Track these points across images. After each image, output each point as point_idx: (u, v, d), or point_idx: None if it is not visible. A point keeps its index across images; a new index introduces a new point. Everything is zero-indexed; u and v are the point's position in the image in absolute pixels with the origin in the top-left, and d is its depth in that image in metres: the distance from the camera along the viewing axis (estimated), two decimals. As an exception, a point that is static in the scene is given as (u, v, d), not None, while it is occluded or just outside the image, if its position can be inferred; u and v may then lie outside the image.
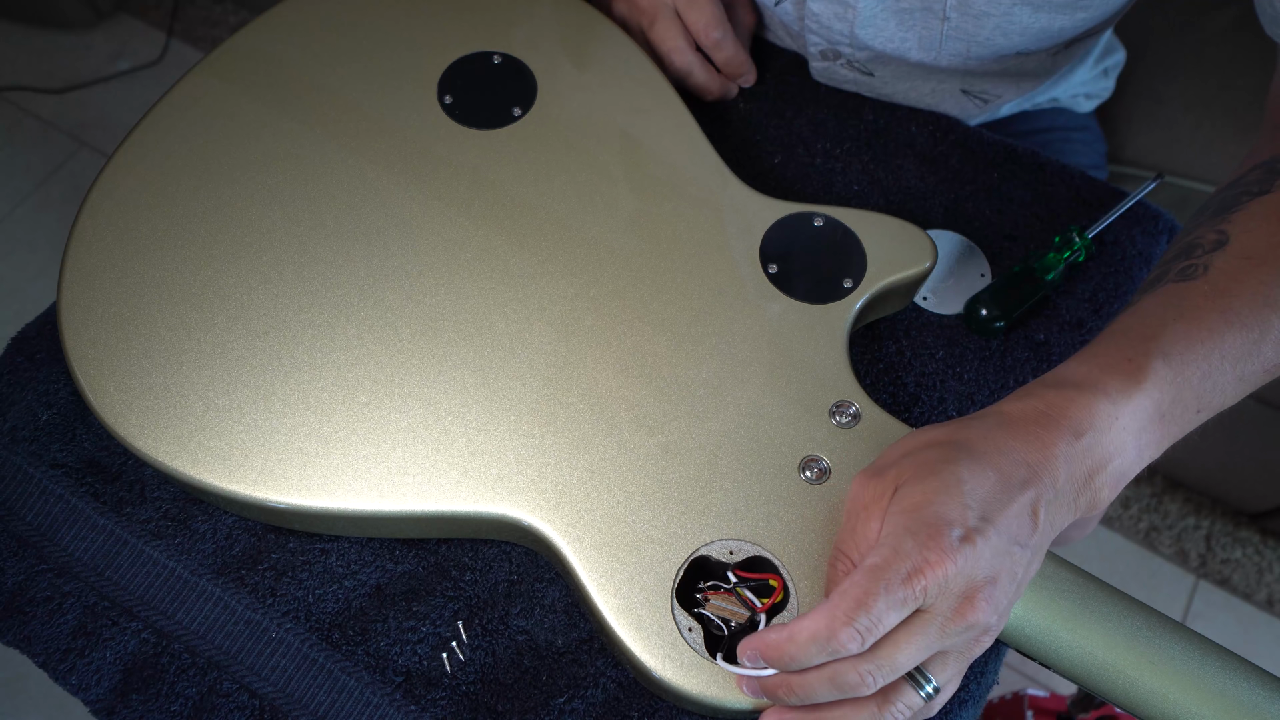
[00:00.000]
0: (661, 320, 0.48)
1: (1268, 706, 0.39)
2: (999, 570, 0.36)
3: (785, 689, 0.38)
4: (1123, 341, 0.41)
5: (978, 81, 0.62)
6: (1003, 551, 0.36)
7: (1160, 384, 0.39)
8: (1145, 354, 0.40)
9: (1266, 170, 0.46)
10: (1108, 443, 0.38)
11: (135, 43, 1.60)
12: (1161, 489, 1.30)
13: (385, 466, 0.44)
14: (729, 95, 0.61)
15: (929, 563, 0.35)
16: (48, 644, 0.45)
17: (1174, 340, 0.40)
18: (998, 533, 0.36)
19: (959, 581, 0.35)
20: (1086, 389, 0.39)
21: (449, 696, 0.44)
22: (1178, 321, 0.41)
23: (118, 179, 0.50)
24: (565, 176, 0.52)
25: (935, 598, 0.36)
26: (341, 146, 0.52)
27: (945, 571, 0.35)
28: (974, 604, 0.36)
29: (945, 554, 0.35)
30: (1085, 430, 0.38)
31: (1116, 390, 0.39)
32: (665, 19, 0.57)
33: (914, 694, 0.37)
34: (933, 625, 0.36)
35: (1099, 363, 0.40)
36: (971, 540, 0.36)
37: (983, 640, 0.38)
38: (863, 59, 0.60)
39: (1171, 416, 0.40)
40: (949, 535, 0.35)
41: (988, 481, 0.37)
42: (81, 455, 0.49)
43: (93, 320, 0.47)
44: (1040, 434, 0.38)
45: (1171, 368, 0.39)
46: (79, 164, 1.49)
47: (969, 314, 0.53)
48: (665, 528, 0.43)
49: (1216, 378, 0.40)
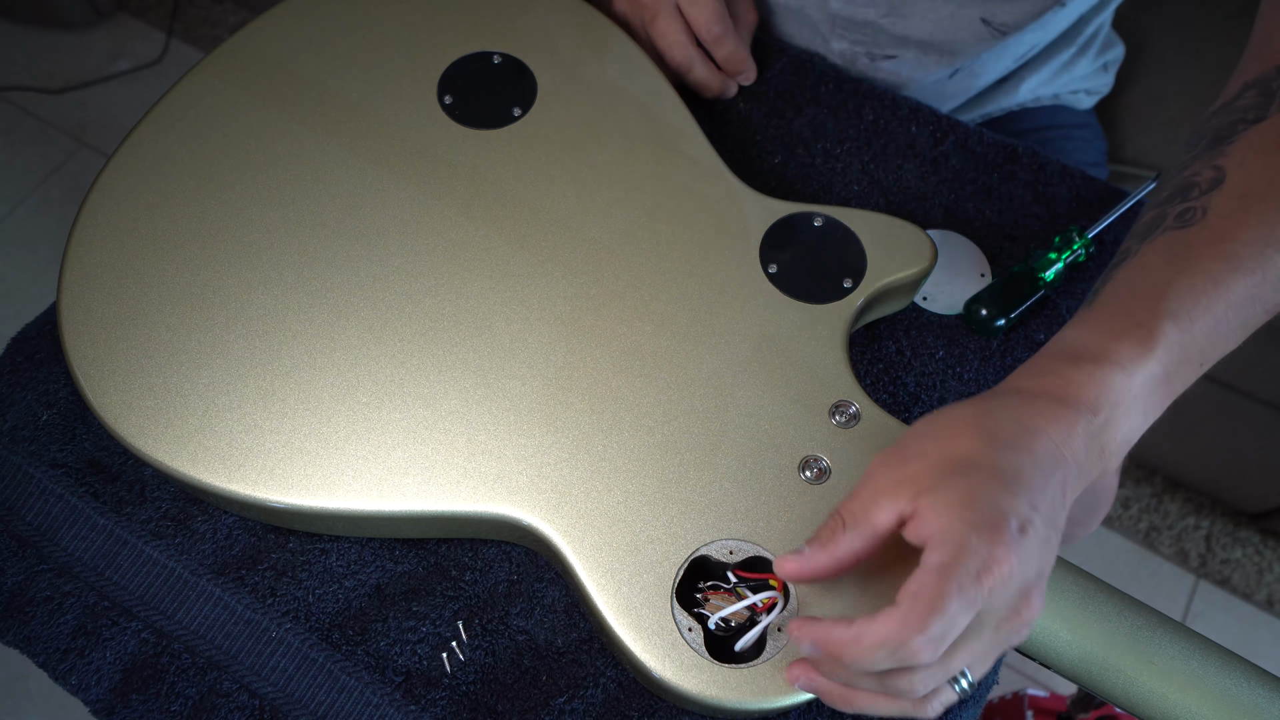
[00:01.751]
0: (661, 320, 0.48)
1: (1268, 706, 0.39)
2: (1046, 562, 0.36)
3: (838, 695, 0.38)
4: (1130, 303, 0.40)
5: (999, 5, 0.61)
6: (1046, 540, 0.36)
7: (1170, 347, 0.38)
8: (1154, 315, 0.39)
9: (1260, 93, 0.44)
10: (1120, 416, 0.38)
11: (135, 43, 1.60)
12: (1161, 489, 1.30)
13: (385, 466, 0.44)
14: (729, 92, 0.61)
15: (996, 559, 0.33)
16: (48, 644, 0.45)
17: (1181, 297, 0.39)
18: (1043, 521, 0.35)
19: (1018, 579, 0.34)
20: (1103, 362, 0.38)
21: (449, 696, 0.44)
22: (1182, 275, 0.40)
23: (118, 179, 0.50)
24: (565, 176, 0.52)
25: (999, 595, 0.34)
26: (341, 146, 0.52)
27: (1010, 569, 0.34)
28: (1029, 601, 0.35)
29: (1010, 548, 0.33)
30: (1103, 406, 0.38)
31: (1129, 360, 0.38)
32: (667, 15, 0.58)
33: (951, 692, 0.37)
34: (988, 626, 0.35)
35: (1110, 329, 0.40)
36: (1026, 531, 0.34)
37: (1022, 633, 0.36)
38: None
39: (1178, 375, 0.39)
40: (1010, 527, 0.34)
41: (1023, 466, 0.36)
42: (81, 455, 0.49)
43: (93, 320, 0.47)
44: (1063, 413, 0.37)
45: (1180, 328, 0.39)
46: (79, 164, 1.49)
47: (969, 314, 0.53)
48: (665, 528, 0.43)
49: (1221, 329, 0.39)
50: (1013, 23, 0.62)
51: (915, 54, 0.65)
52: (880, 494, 0.37)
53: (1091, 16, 0.71)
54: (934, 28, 0.63)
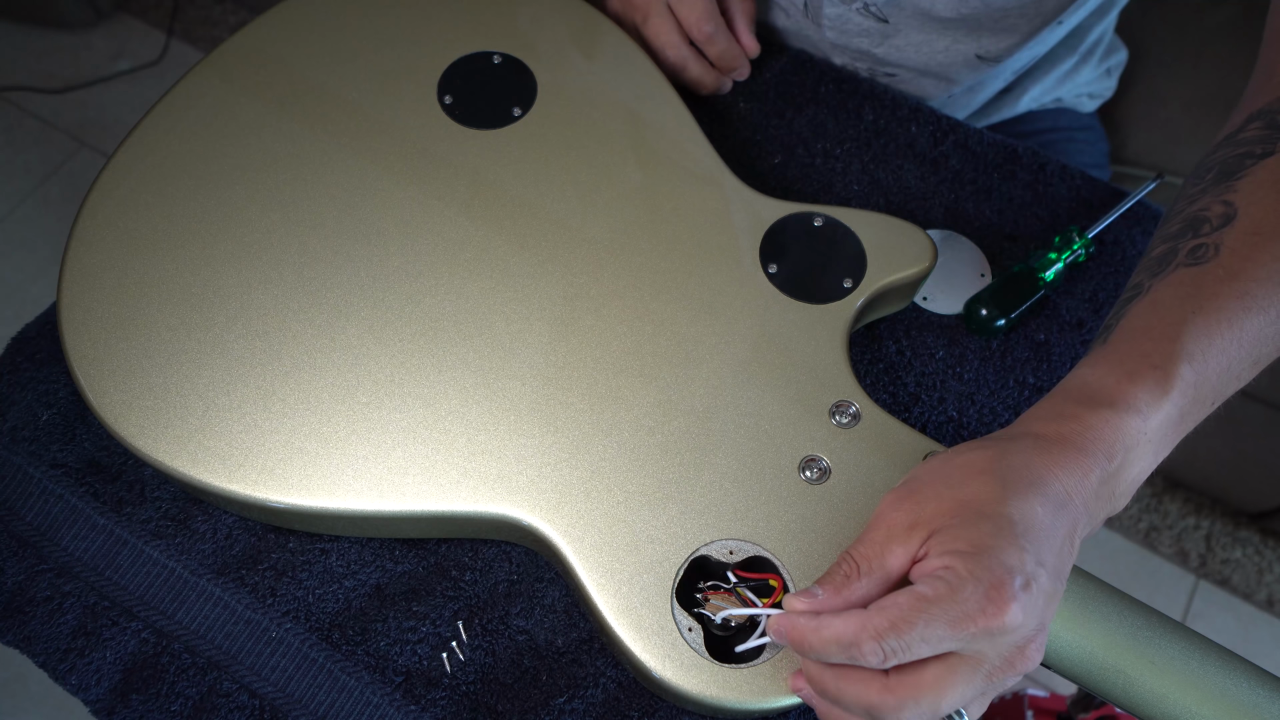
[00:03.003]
0: (661, 320, 0.48)
1: (1268, 706, 0.39)
2: (1047, 615, 0.36)
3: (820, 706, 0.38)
4: (1145, 343, 0.40)
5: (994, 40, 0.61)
6: (1051, 593, 0.36)
7: (1185, 389, 0.38)
8: (1170, 357, 0.39)
9: (1266, 124, 0.44)
10: (1134, 458, 0.38)
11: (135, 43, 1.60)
12: (1161, 489, 1.30)
13: (385, 466, 0.44)
14: (724, 89, 0.61)
15: (985, 614, 0.34)
16: (48, 644, 0.45)
17: (1196, 338, 0.39)
18: (1049, 575, 0.35)
19: (1014, 634, 0.34)
20: (1120, 408, 0.38)
21: (449, 696, 0.44)
22: (1197, 315, 0.40)
23: (118, 179, 0.50)
24: (565, 176, 0.52)
25: (986, 645, 0.34)
26: (341, 146, 0.52)
27: (1003, 621, 0.34)
28: (1025, 654, 0.35)
29: (1005, 605, 0.34)
30: (1118, 452, 0.38)
31: (1146, 405, 0.38)
32: (658, 15, 0.58)
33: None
34: (980, 672, 0.35)
35: (1126, 369, 0.39)
36: (1029, 589, 0.34)
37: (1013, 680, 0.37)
38: (880, 1, 0.60)
39: (1190, 415, 0.39)
40: (1012, 585, 0.34)
41: (1035, 517, 0.36)
42: (81, 455, 0.49)
43: (93, 320, 0.47)
44: (1079, 460, 0.37)
45: (1195, 369, 0.39)
46: (79, 164, 1.49)
47: (969, 314, 0.53)
48: (665, 528, 0.43)
49: (1235, 368, 0.40)
50: (1005, 52, 0.62)
51: (913, 76, 0.66)
52: (893, 539, 0.37)
53: (1092, 25, 0.71)
54: (928, 59, 0.63)
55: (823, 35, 0.65)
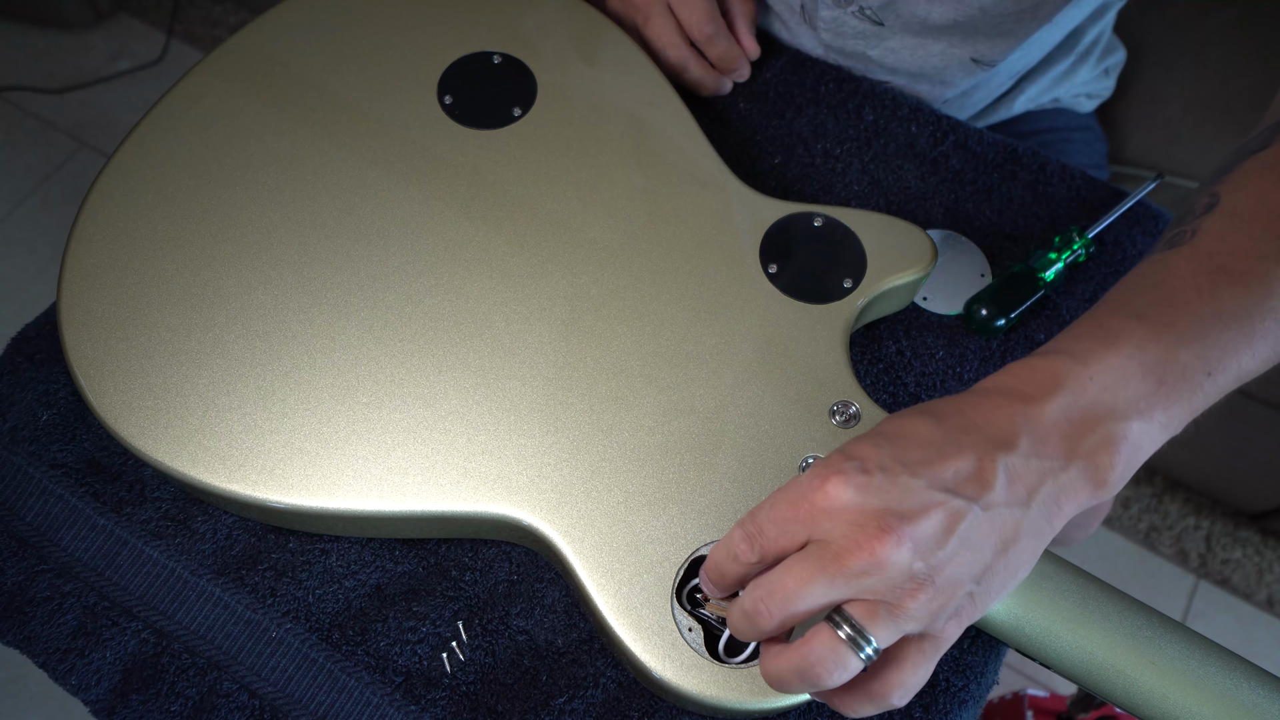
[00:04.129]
0: (661, 320, 0.48)
1: (1268, 706, 0.39)
2: (916, 509, 0.34)
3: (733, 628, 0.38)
4: (1096, 311, 0.40)
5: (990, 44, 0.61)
6: (919, 493, 0.34)
7: (1137, 341, 0.37)
8: (1116, 317, 0.38)
9: (1272, 129, 0.44)
10: (1090, 404, 0.36)
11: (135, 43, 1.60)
12: (1161, 489, 1.30)
13: (385, 467, 0.44)
14: (724, 90, 0.61)
15: (813, 489, 0.35)
16: (48, 644, 0.45)
17: (1152, 302, 0.38)
18: (913, 476, 0.34)
19: (850, 508, 0.34)
20: (1050, 354, 0.38)
21: (449, 696, 0.44)
22: (1158, 287, 0.39)
23: (118, 179, 0.50)
24: (565, 177, 0.52)
25: (825, 526, 0.34)
26: (341, 146, 0.52)
27: (831, 498, 0.34)
28: (868, 532, 0.33)
29: (833, 482, 0.34)
30: (1049, 391, 0.36)
31: (1084, 350, 0.37)
32: (658, 15, 0.58)
33: (847, 650, 0.34)
34: (825, 553, 0.34)
35: (1069, 332, 0.39)
36: (870, 473, 0.34)
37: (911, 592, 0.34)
38: (875, 4, 0.60)
39: (1171, 379, 0.37)
40: (843, 466, 0.35)
41: (916, 437, 0.36)
42: (81, 455, 0.49)
43: (93, 320, 0.47)
44: (995, 400, 0.37)
45: (1149, 326, 0.37)
46: (79, 164, 1.49)
47: (969, 314, 0.53)
48: (665, 528, 0.43)
49: (1219, 335, 0.37)
50: (1000, 56, 0.62)
51: (908, 80, 0.66)
52: None
53: (1089, 26, 0.71)
54: (922, 63, 0.63)
55: (818, 39, 0.65)
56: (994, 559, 0.35)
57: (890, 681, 0.36)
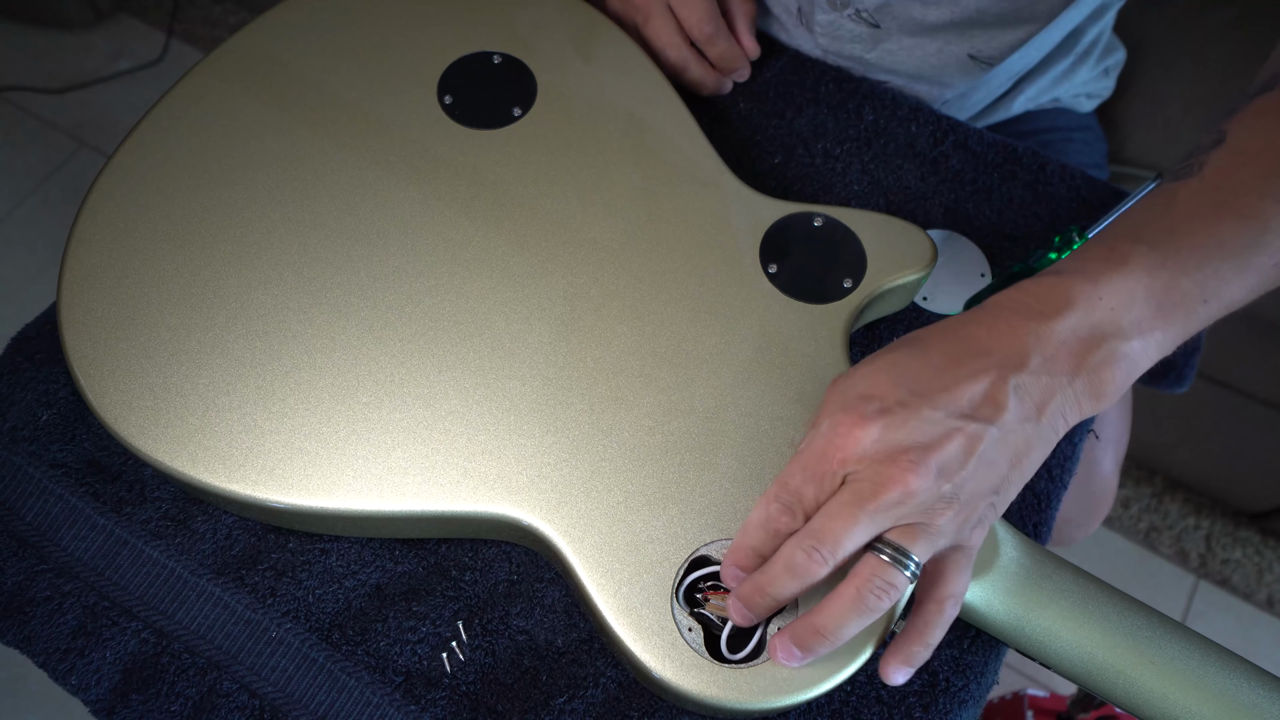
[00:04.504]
0: (661, 320, 0.48)
1: (1268, 706, 0.39)
2: (935, 438, 0.36)
3: (758, 591, 0.39)
4: (1106, 235, 0.41)
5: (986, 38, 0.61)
6: (938, 422, 0.36)
7: (1146, 267, 0.38)
8: (1126, 241, 0.39)
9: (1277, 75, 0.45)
10: (1097, 322, 0.38)
11: (135, 43, 1.60)
12: (1161, 489, 1.30)
13: (385, 466, 0.44)
14: (724, 90, 0.61)
15: (838, 434, 0.37)
16: (48, 644, 0.45)
17: (1160, 231, 0.40)
18: (931, 406, 0.36)
19: (877, 447, 0.36)
20: (1064, 274, 0.39)
21: (449, 696, 0.44)
22: (1165, 216, 0.40)
23: (118, 179, 0.50)
24: (565, 176, 0.52)
25: (855, 467, 0.37)
26: (341, 146, 0.52)
27: (858, 440, 0.36)
28: (898, 465, 0.36)
29: (856, 425, 0.37)
30: (1061, 310, 0.38)
31: (1095, 271, 0.38)
32: (659, 15, 0.58)
33: (891, 569, 0.37)
34: (860, 493, 0.36)
35: (1079, 254, 0.40)
36: (891, 411, 0.36)
37: (939, 510, 0.37)
38: (871, 6, 0.60)
39: (1171, 304, 0.39)
40: (864, 409, 0.37)
41: (929, 364, 0.38)
42: (81, 455, 0.49)
43: (93, 320, 0.47)
44: (1008, 318, 0.38)
45: (1158, 253, 0.39)
46: (79, 164, 1.49)
47: (969, 314, 0.53)
48: (665, 528, 0.43)
49: (1216, 266, 0.39)
50: (998, 54, 0.62)
51: (905, 82, 0.66)
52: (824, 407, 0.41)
53: (1089, 26, 0.71)
54: (920, 63, 0.63)
55: (815, 42, 0.65)
56: (1009, 471, 0.38)
57: (942, 595, 0.39)
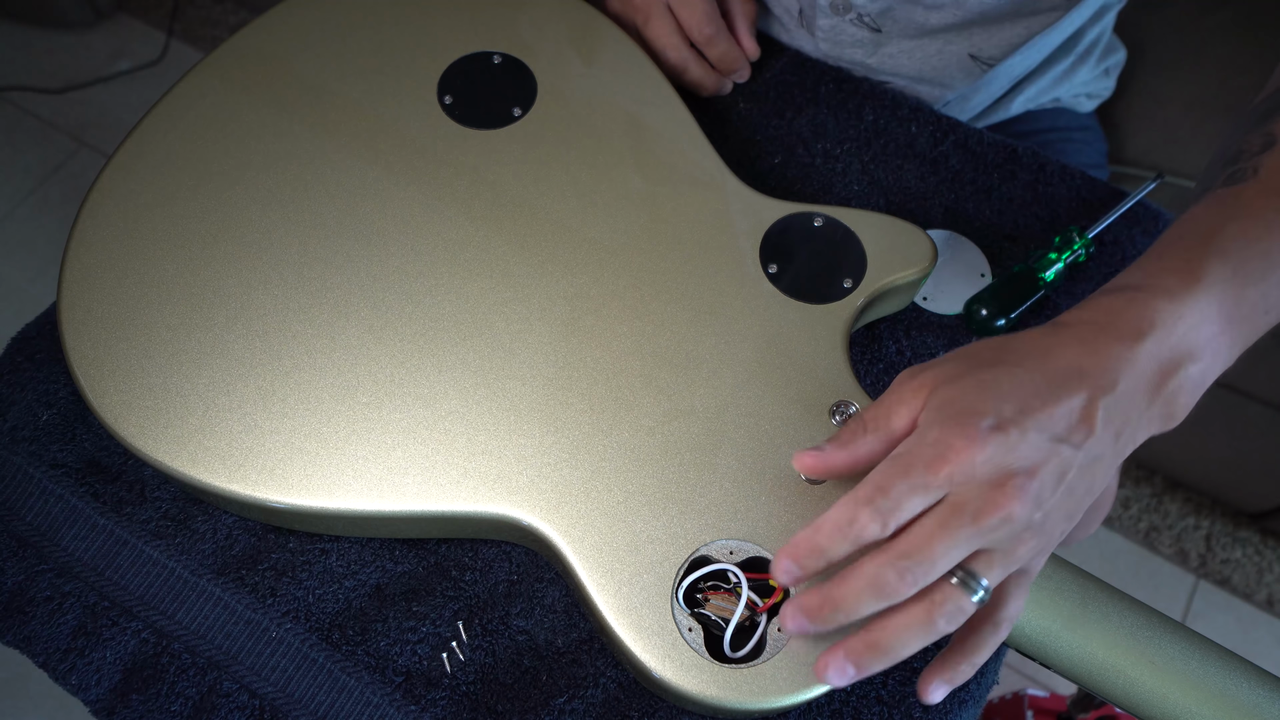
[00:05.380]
0: (661, 320, 0.48)
1: (1268, 706, 0.39)
2: (1038, 463, 0.35)
3: (830, 605, 0.36)
4: (1177, 245, 0.39)
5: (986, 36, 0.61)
6: (1041, 446, 0.35)
7: (1221, 282, 0.37)
8: (1201, 254, 0.38)
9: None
10: (1176, 344, 0.37)
11: (135, 43, 1.60)
12: (1161, 489, 1.30)
13: (385, 466, 0.44)
14: (724, 90, 0.61)
15: (953, 448, 0.35)
16: (48, 644, 0.45)
17: (1230, 238, 0.38)
18: (1037, 427, 0.35)
19: (987, 468, 0.34)
20: (1145, 289, 0.38)
21: (449, 696, 0.44)
22: (1231, 222, 0.39)
23: (118, 179, 0.50)
24: (565, 177, 0.52)
25: (962, 485, 0.35)
26: (341, 146, 0.52)
27: (971, 457, 0.34)
28: (1005, 491, 0.34)
29: (971, 441, 0.34)
30: (1146, 331, 0.37)
31: (1176, 287, 0.37)
32: (659, 16, 0.58)
33: (963, 594, 0.35)
34: (964, 515, 0.34)
35: (1154, 267, 0.39)
36: (1004, 430, 0.35)
37: (1024, 539, 0.36)
38: (874, 11, 0.60)
39: (1239, 317, 0.38)
40: (978, 424, 0.35)
41: (1029, 383, 0.36)
42: (81, 455, 0.49)
43: (93, 320, 0.47)
44: (1095, 338, 0.37)
45: (1230, 265, 0.38)
46: (79, 164, 1.49)
47: (969, 314, 0.53)
48: (665, 528, 0.43)
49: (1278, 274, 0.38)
50: (999, 54, 0.62)
51: (907, 84, 0.66)
52: (900, 400, 0.38)
53: (1090, 26, 0.71)
54: (921, 65, 0.63)
55: (816, 46, 0.65)
56: (1084, 498, 0.37)
57: (1000, 616, 0.38)
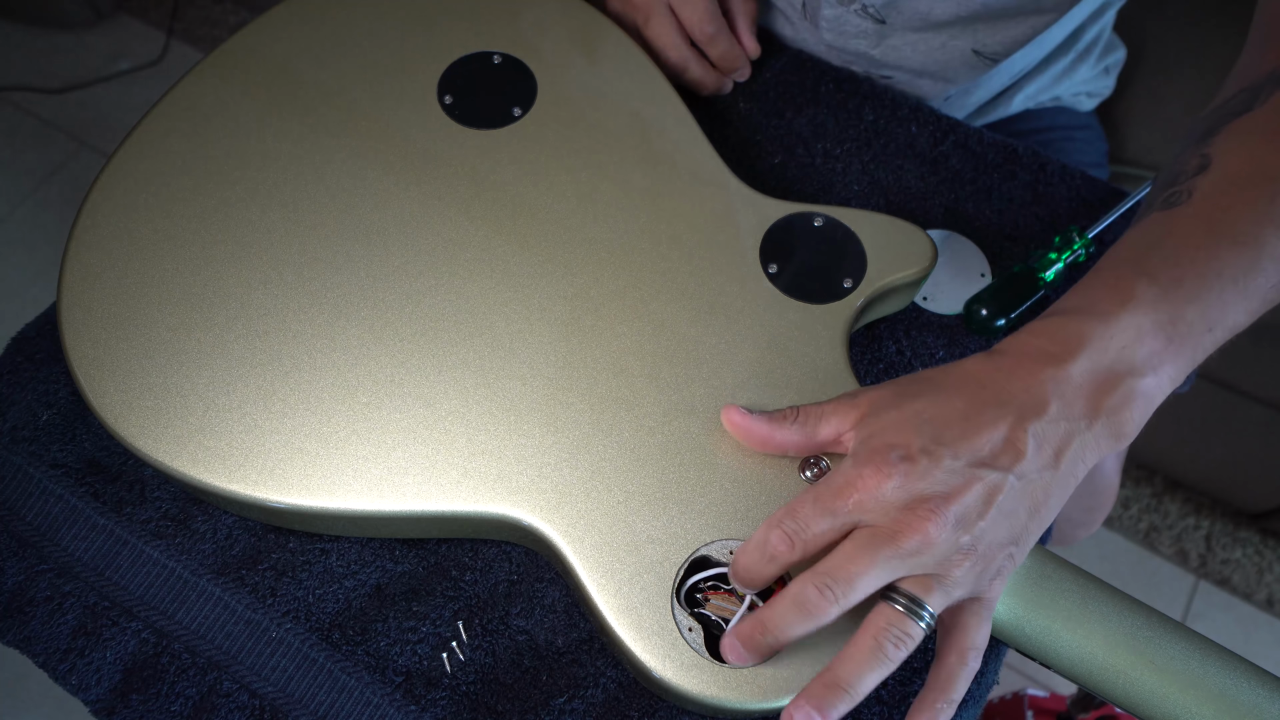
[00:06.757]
0: (661, 320, 0.48)
1: (1268, 706, 0.39)
2: (956, 487, 0.36)
3: (760, 629, 0.38)
4: (1110, 269, 0.41)
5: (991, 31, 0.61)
6: (956, 471, 0.36)
7: (1152, 301, 0.38)
8: (1131, 275, 0.39)
9: (1250, 94, 0.45)
10: (1112, 362, 0.38)
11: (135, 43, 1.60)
12: (1161, 489, 1.30)
13: (385, 466, 0.44)
14: (724, 90, 0.61)
15: (861, 478, 0.37)
16: (48, 644, 0.45)
17: (1161, 261, 0.39)
18: (951, 455, 0.37)
19: (897, 494, 0.36)
20: (1079, 312, 0.39)
21: (449, 696, 0.44)
22: (1163, 244, 0.40)
23: (118, 179, 0.50)
24: (565, 176, 0.52)
25: (872, 512, 0.37)
26: (341, 146, 0.52)
27: (878, 485, 0.36)
28: (917, 514, 0.36)
29: (878, 471, 0.37)
30: (1075, 352, 0.38)
31: (1104, 309, 0.38)
32: (659, 15, 0.58)
33: (906, 619, 0.36)
34: (879, 537, 0.36)
35: (1088, 290, 0.40)
36: (913, 460, 0.37)
37: (957, 561, 0.37)
38: (878, 2, 0.60)
39: (1178, 335, 0.39)
40: (888, 456, 0.37)
41: (953, 413, 0.38)
42: (81, 455, 0.49)
43: (93, 320, 0.47)
44: (1025, 364, 0.38)
45: (1159, 285, 0.39)
46: (79, 164, 1.49)
47: (969, 314, 0.53)
48: (665, 528, 0.43)
49: (1218, 294, 0.39)
50: (1003, 50, 0.62)
51: (909, 77, 0.66)
52: (834, 411, 0.41)
53: (1090, 24, 0.71)
54: (925, 58, 0.63)
55: (820, 38, 0.65)
56: (1028, 521, 0.38)
57: (963, 646, 0.39)
